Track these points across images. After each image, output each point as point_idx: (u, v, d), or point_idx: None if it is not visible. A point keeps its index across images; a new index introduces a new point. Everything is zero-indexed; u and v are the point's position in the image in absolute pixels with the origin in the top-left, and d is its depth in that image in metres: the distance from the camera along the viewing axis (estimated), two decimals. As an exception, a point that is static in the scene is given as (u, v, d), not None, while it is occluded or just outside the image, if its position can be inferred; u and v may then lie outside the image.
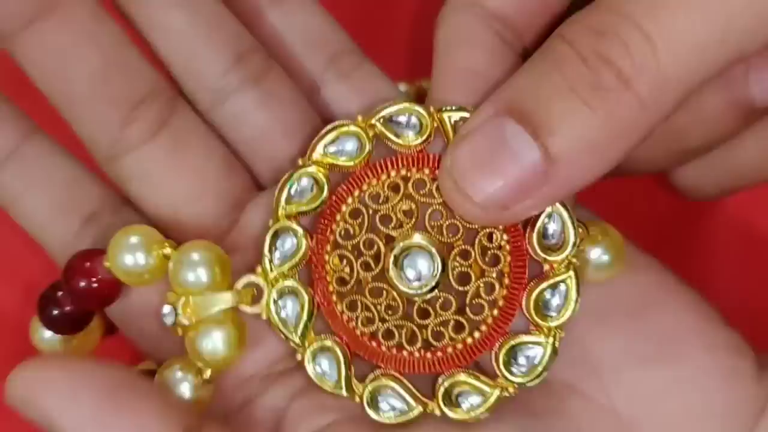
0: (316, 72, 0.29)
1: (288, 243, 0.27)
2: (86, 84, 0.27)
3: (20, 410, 0.24)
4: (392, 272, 0.26)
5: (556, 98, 0.23)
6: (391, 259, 0.26)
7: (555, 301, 0.26)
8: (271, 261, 0.27)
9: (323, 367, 0.27)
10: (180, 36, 0.28)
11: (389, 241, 0.26)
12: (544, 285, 0.26)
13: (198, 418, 0.25)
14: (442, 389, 0.26)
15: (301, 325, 0.26)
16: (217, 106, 0.28)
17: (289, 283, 0.26)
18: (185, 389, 0.27)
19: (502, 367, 0.26)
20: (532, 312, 0.26)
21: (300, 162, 0.27)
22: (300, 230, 0.27)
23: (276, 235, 0.27)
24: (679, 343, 0.27)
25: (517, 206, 0.25)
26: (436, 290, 0.26)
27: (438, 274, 0.26)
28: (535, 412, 0.27)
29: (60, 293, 0.28)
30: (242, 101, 0.28)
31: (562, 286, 0.26)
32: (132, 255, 0.27)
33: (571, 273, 0.26)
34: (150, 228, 0.27)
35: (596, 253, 0.26)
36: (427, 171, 0.27)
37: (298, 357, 0.27)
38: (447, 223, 0.26)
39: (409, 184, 0.27)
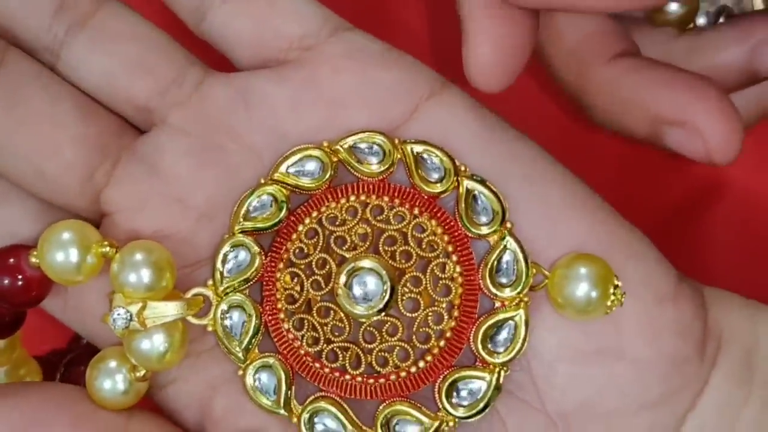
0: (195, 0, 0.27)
1: (241, 257, 0.26)
2: None
3: None
4: (341, 291, 0.26)
5: None
6: (342, 278, 0.25)
7: (503, 338, 0.26)
8: (221, 274, 0.26)
9: (262, 384, 0.26)
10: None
11: (342, 262, 0.26)
12: (493, 320, 0.26)
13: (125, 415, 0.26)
14: (381, 417, 0.26)
15: (246, 341, 0.26)
16: (56, 61, 0.27)
17: (238, 297, 0.26)
18: (119, 380, 0.26)
19: (444, 399, 0.26)
20: (479, 347, 0.26)
21: (262, 180, 0.26)
22: (255, 246, 0.26)
23: (230, 249, 0.26)
24: (620, 338, 0.26)
25: None
26: (384, 314, 0.26)
27: (387, 297, 0.25)
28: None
29: (12, 261, 0.26)
30: (74, 50, 0.27)
31: (511, 323, 0.26)
32: (64, 252, 0.26)
33: (521, 311, 0.26)
34: (84, 223, 0.26)
35: (582, 289, 0.26)
36: (386, 198, 0.26)
37: (239, 372, 0.26)
38: (400, 249, 0.26)
39: (367, 210, 0.26)
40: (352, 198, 0.26)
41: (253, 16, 0.27)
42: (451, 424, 0.26)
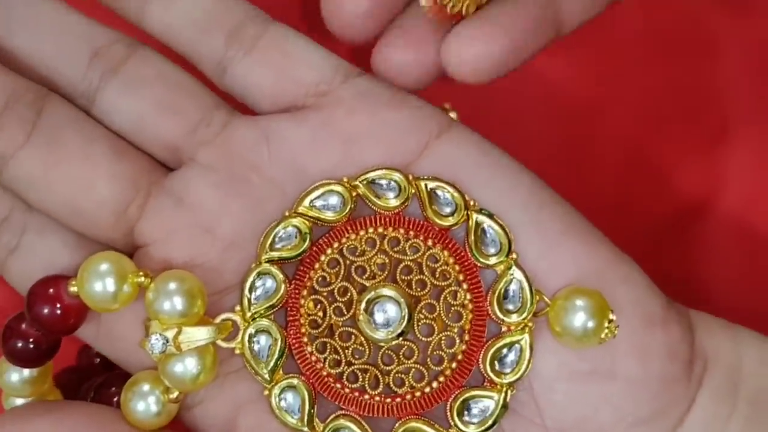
0: (218, 54, 0.29)
1: (267, 285, 0.28)
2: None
3: None
4: (362, 317, 0.28)
5: None
6: (363, 305, 0.27)
7: (510, 360, 0.28)
8: (249, 300, 0.28)
9: (288, 403, 0.28)
10: (37, 45, 0.29)
11: (362, 290, 0.28)
12: (500, 344, 0.28)
13: None
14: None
15: (272, 363, 0.28)
16: (91, 105, 0.29)
17: (264, 323, 0.28)
18: (152, 402, 0.28)
19: (455, 417, 0.28)
20: (488, 368, 0.28)
21: (286, 213, 0.28)
22: (280, 275, 0.28)
23: (257, 277, 0.28)
24: (613, 359, 0.28)
25: None
26: (401, 338, 0.28)
27: (404, 322, 0.27)
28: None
29: (24, 325, 0.28)
30: (108, 95, 0.29)
31: (517, 346, 0.28)
32: (102, 282, 0.27)
33: (526, 335, 0.28)
34: (120, 255, 0.28)
35: (580, 320, 0.27)
36: (402, 231, 0.28)
37: (265, 392, 0.28)
38: (416, 278, 0.28)
39: (385, 241, 0.28)
40: (371, 230, 0.28)
41: (272, 68, 0.29)
42: None
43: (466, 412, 0.28)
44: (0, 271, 0.30)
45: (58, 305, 0.28)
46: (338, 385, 0.28)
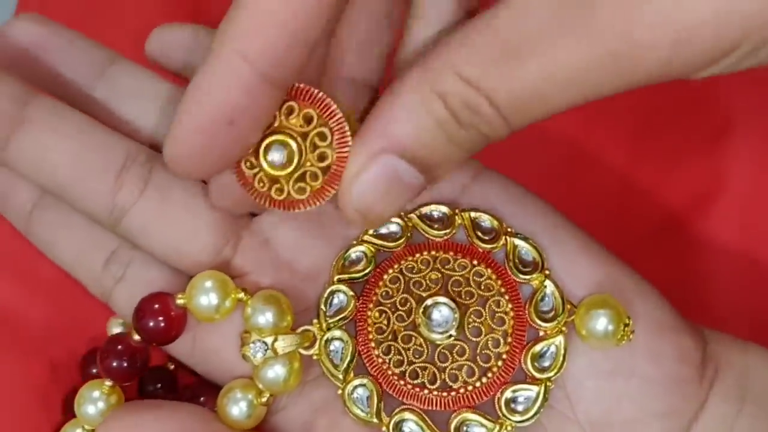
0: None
1: (340, 300, 0.34)
2: (70, 170, 0.31)
3: None
4: (421, 320, 0.33)
5: (441, 149, 0.28)
6: (421, 309, 0.33)
7: (547, 359, 0.33)
8: (325, 314, 0.34)
9: (359, 399, 0.33)
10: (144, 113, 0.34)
11: (420, 300, 0.33)
12: (539, 345, 0.33)
13: None
14: (453, 423, 0.33)
15: (344, 365, 0.33)
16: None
17: (338, 333, 0.33)
18: (243, 406, 0.33)
19: (503, 407, 0.33)
20: (529, 366, 0.33)
21: (354, 242, 0.34)
22: (350, 291, 0.34)
23: (331, 294, 0.34)
24: (632, 359, 0.32)
25: None
26: (454, 338, 0.33)
27: (456, 324, 0.33)
28: None
29: (119, 346, 0.33)
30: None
31: (553, 347, 0.33)
32: (207, 296, 0.32)
33: (561, 337, 0.33)
34: (222, 274, 0.33)
35: (601, 324, 0.32)
36: (451, 253, 0.34)
37: (339, 392, 0.33)
38: (465, 289, 0.34)
39: (437, 261, 0.34)
40: (425, 253, 0.34)
41: None
42: (509, 428, 0.33)
43: (512, 404, 0.33)
44: (105, 298, 0.34)
45: (162, 318, 0.32)
46: (401, 382, 0.33)
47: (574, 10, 0.25)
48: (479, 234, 0.34)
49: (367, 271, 0.34)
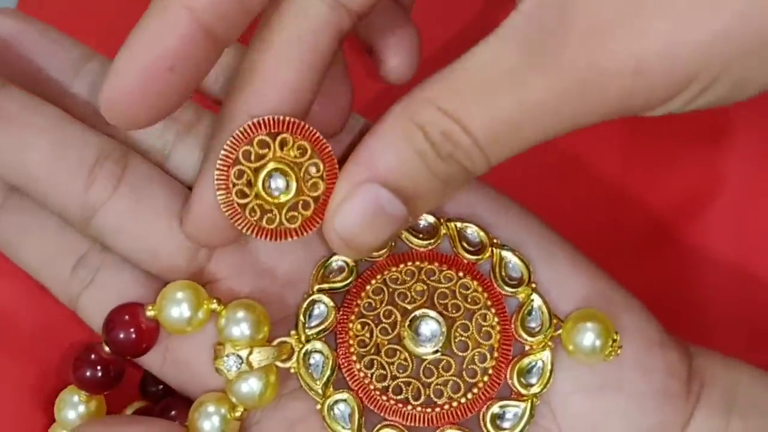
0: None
1: (320, 311, 0.32)
2: (43, 165, 0.30)
3: None
4: (407, 333, 0.32)
5: (422, 181, 0.29)
6: (407, 322, 0.32)
7: (534, 374, 0.32)
8: (305, 325, 0.32)
9: (339, 415, 0.32)
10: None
11: (405, 313, 0.32)
12: (525, 360, 0.32)
13: None
14: None
15: (324, 378, 0.32)
16: (165, 161, 0.33)
17: (318, 345, 0.32)
18: (216, 421, 0.31)
19: (488, 423, 0.32)
20: (516, 381, 0.32)
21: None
22: (330, 302, 0.32)
23: (311, 305, 0.32)
24: (620, 374, 0.32)
25: None
26: (440, 353, 0.32)
27: (443, 338, 0.32)
28: None
29: (93, 355, 0.32)
30: (180, 152, 0.33)
31: (540, 362, 0.32)
32: (179, 308, 0.31)
33: (547, 352, 0.32)
34: (195, 284, 0.32)
35: (589, 339, 0.32)
36: (436, 264, 0.33)
37: (317, 407, 0.32)
38: (451, 302, 0.32)
39: (422, 272, 0.33)
40: (410, 264, 0.33)
41: None
42: None
43: (498, 420, 0.32)
44: (72, 304, 0.33)
45: (133, 330, 0.31)
46: (384, 398, 0.32)
47: (545, 48, 0.27)
48: (465, 245, 0.33)
49: (348, 281, 0.33)
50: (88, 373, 0.32)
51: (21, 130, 0.30)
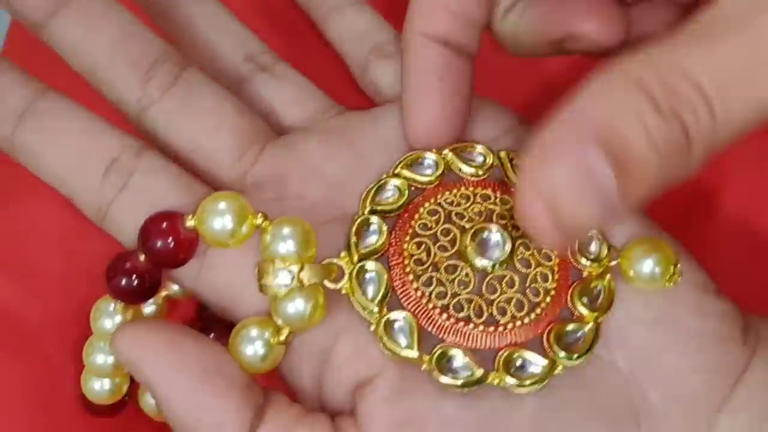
0: (364, 57, 0.36)
1: (371, 231, 0.31)
2: (107, 52, 0.32)
3: (125, 367, 0.28)
4: (470, 246, 0.30)
5: (637, 144, 0.25)
6: (470, 234, 0.30)
7: (597, 296, 0.30)
8: (355, 245, 0.30)
9: (395, 334, 0.30)
10: (204, 36, 0.36)
11: (463, 231, 0.30)
12: (587, 284, 0.30)
13: (262, 395, 0.29)
14: (502, 359, 0.30)
15: (378, 297, 0.30)
16: (236, 93, 0.34)
17: (370, 264, 0.30)
18: (259, 347, 0.29)
19: (554, 344, 0.30)
20: (578, 303, 0.30)
21: (385, 175, 0.32)
22: (383, 224, 0.31)
23: (362, 225, 0.31)
24: (675, 310, 0.30)
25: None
26: (504, 267, 0.30)
27: (508, 250, 0.30)
28: None
29: (127, 264, 0.30)
30: (254, 85, 0.35)
31: (601, 286, 0.30)
32: (221, 220, 0.29)
33: (609, 276, 0.30)
34: (240, 196, 0.30)
35: (648, 266, 0.30)
36: (489, 190, 0.31)
37: (372, 327, 0.30)
38: (510, 222, 0.31)
39: (478, 196, 0.31)
40: (463, 189, 0.31)
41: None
42: (560, 367, 0.30)
43: (561, 340, 0.30)
44: (100, 216, 0.31)
45: (171, 239, 0.29)
46: (444, 317, 0.30)
47: None
48: (516, 173, 0.31)
49: (400, 203, 0.31)
50: (123, 282, 0.30)
51: (93, 17, 0.32)
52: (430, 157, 0.32)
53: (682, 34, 0.26)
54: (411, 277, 0.30)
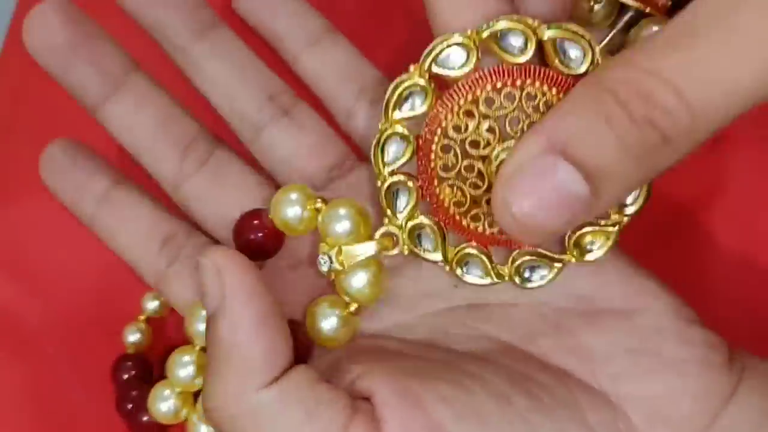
0: (349, 102, 0.36)
1: (397, 144, 0.31)
2: (151, 134, 0.35)
3: (201, 278, 0.29)
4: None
5: (608, 152, 0.26)
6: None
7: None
8: (383, 162, 0.32)
9: (422, 240, 0.32)
10: (221, 83, 0.36)
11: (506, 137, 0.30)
12: None
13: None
14: (516, 263, 0.31)
15: (409, 207, 0.32)
16: (256, 137, 0.36)
17: (400, 177, 0.31)
18: (333, 322, 0.32)
19: (571, 245, 0.31)
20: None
21: (405, 76, 0.30)
22: (407, 132, 0.31)
23: (386, 140, 0.31)
24: (659, 339, 0.31)
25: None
26: None
27: None
28: (539, 380, 0.31)
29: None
30: (274, 130, 0.36)
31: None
32: (292, 208, 0.32)
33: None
34: (303, 186, 0.32)
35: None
36: (537, 83, 0.29)
37: (399, 230, 0.32)
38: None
39: (522, 95, 0.29)
40: (505, 81, 0.29)
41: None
42: (573, 261, 0.31)
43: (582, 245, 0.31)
44: (161, 285, 0.35)
45: (261, 232, 0.32)
46: (464, 222, 0.31)
47: None
48: (563, 58, 0.29)
49: (426, 107, 0.30)
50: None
51: (139, 105, 0.35)
52: (459, 43, 0.29)
53: (661, 38, 0.26)
54: (436, 182, 0.31)
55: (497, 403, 0.29)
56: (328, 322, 0.32)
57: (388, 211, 0.32)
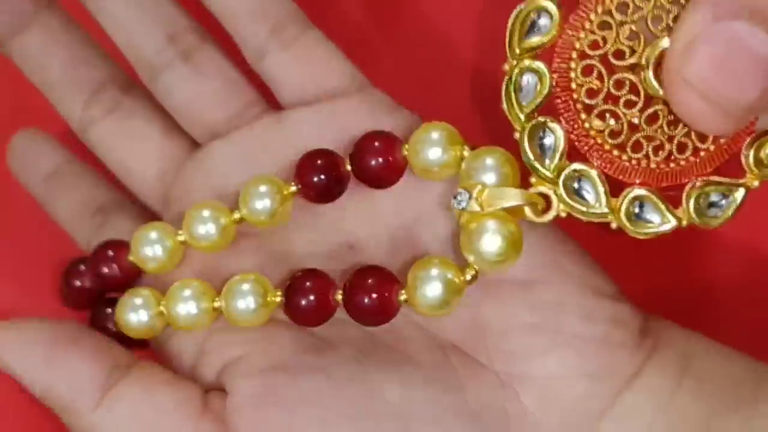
0: (259, 42, 0.32)
1: (530, 80, 0.28)
2: (58, 73, 0.34)
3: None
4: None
5: None
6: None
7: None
8: (518, 102, 0.28)
9: (579, 188, 0.28)
10: (120, 21, 0.33)
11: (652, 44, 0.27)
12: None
13: (132, 360, 0.31)
14: (692, 199, 0.27)
15: (557, 157, 0.28)
16: (153, 80, 0.33)
17: (541, 119, 0.28)
18: (438, 288, 0.28)
19: (751, 162, 0.27)
20: (751, 162, 0.27)
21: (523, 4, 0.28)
22: (539, 65, 0.27)
23: (519, 75, 0.28)
24: (559, 313, 0.29)
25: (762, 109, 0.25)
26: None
27: None
28: (420, 364, 0.29)
29: (319, 161, 0.30)
30: (172, 75, 0.33)
31: None
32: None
33: None
34: (447, 124, 0.29)
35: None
36: None
37: (551, 189, 0.28)
38: None
39: None
40: None
41: (300, 68, 0.32)
42: (756, 183, 0.28)
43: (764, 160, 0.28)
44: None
45: (384, 160, 0.29)
46: (624, 157, 0.28)
47: None
48: None
49: (555, 31, 0.27)
50: (315, 179, 0.30)
51: (49, 39, 0.34)
52: None
53: None
54: (583, 116, 0.28)
55: (367, 396, 0.29)
56: (431, 288, 0.27)
57: (536, 164, 0.28)
